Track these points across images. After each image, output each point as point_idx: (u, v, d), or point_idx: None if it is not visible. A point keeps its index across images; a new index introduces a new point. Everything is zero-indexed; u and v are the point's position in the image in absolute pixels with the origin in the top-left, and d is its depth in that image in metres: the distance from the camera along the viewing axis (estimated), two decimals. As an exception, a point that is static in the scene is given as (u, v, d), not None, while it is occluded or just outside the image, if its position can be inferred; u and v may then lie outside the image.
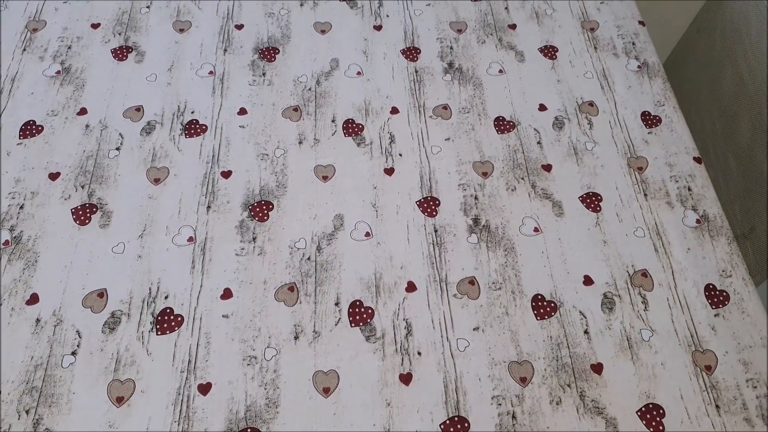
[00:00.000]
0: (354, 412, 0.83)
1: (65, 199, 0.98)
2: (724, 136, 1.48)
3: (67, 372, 0.84)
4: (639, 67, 1.20)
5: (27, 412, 0.80)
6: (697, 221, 1.01)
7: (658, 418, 0.84)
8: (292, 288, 0.92)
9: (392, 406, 0.83)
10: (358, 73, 1.16)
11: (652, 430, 0.83)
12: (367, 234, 0.97)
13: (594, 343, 0.89)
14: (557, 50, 1.22)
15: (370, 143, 1.07)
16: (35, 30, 1.18)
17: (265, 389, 0.84)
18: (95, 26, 1.20)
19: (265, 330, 0.88)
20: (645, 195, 1.04)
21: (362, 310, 0.91)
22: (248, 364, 0.85)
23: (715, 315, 0.92)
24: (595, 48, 1.23)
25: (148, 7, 1.23)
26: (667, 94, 1.16)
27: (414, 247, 0.97)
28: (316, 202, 1.00)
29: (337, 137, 1.07)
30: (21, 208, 0.97)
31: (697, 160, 1.08)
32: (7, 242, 0.93)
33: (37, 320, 0.87)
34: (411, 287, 0.93)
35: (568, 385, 0.86)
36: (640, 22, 1.27)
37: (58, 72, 1.12)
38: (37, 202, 0.98)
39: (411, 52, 1.20)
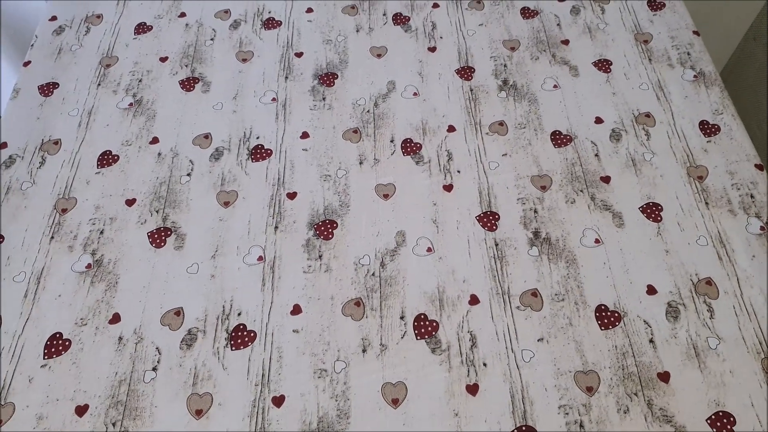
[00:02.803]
0: (423, 423, 0.85)
1: (141, 224, 1.04)
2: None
3: (148, 387, 0.88)
4: (695, 76, 1.20)
5: (114, 424, 0.85)
6: (761, 228, 1.00)
7: (729, 426, 0.83)
8: (358, 303, 0.95)
9: (460, 416, 0.85)
10: (415, 93, 1.19)
11: (723, 438, 0.83)
12: (429, 249, 1.00)
13: (660, 352, 0.90)
14: (611, 63, 1.23)
15: (429, 161, 1.10)
16: (108, 66, 1.25)
17: (336, 401, 0.86)
18: (163, 60, 1.26)
19: (334, 344, 0.91)
20: (706, 204, 1.03)
21: (427, 323, 0.93)
22: (319, 377, 0.88)
23: (783, 322, 0.92)
24: (650, 60, 1.23)
25: (212, 39, 1.29)
26: (725, 102, 1.16)
27: (475, 261, 0.99)
28: (378, 220, 1.03)
29: (396, 156, 1.11)
30: (101, 233, 1.02)
31: (759, 167, 1.07)
32: (89, 265, 0.99)
33: (120, 338, 0.92)
34: (474, 300, 0.95)
35: (635, 394, 0.86)
36: (695, 32, 1.27)
37: (131, 104, 1.19)
38: (116, 227, 1.03)
39: (465, 72, 1.23)
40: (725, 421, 0.84)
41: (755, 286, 0.95)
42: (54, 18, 1.34)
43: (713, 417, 0.84)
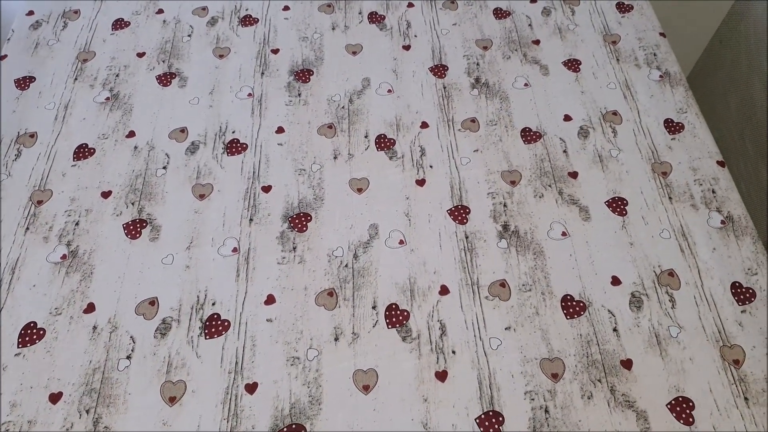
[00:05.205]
0: (393, 408, 0.87)
1: (117, 216, 1.05)
2: (755, 150, 1.50)
3: (122, 374, 0.89)
4: (661, 76, 1.24)
5: (87, 411, 0.86)
6: (722, 222, 1.04)
7: (687, 411, 0.86)
8: (331, 293, 0.97)
9: (429, 401, 0.87)
10: (389, 90, 1.22)
11: (682, 422, 0.85)
12: (401, 242, 1.02)
13: (623, 340, 0.92)
14: (580, 63, 1.26)
15: (402, 156, 1.12)
16: (85, 60, 1.26)
17: (308, 387, 0.88)
18: (140, 55, 1.28)
19: (306, 332, 0.93)
20: (670, 198, 1.07)
21: (398, 312, 0.95)
22: (292, 365, 0.90)
23: (741, 311, 0.95)
24: (618, 60, 1.27)
25: (189, 35, 1.31)
26: (689, 101, 1.20)
27: (446, 253, 1.01)
28: (352, 213, 1.05)
29: (370, 152, 1.13)
30: (77, 224, 1.03)
31: (721, 163, 1.10)
32: (64, 256, 1.00)
33: (94, 327, 0.93)
34: (444, 290, 0.97)
35: (599, 380, 0.89)
36: (661, 34, 1.31)
37: (108, 98, 1.20)
38: (91, 219, 1.04)
39: (439, 70, 1.25)
40: (684, 405, 0.87)
41: (715, 278, 0.98)
42: (31, 13, 1.35)
43: (673, 402, 0.87)
